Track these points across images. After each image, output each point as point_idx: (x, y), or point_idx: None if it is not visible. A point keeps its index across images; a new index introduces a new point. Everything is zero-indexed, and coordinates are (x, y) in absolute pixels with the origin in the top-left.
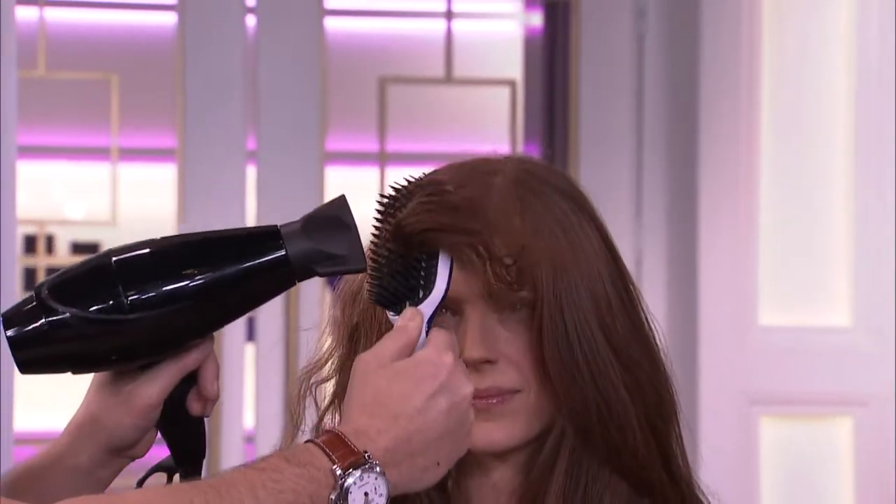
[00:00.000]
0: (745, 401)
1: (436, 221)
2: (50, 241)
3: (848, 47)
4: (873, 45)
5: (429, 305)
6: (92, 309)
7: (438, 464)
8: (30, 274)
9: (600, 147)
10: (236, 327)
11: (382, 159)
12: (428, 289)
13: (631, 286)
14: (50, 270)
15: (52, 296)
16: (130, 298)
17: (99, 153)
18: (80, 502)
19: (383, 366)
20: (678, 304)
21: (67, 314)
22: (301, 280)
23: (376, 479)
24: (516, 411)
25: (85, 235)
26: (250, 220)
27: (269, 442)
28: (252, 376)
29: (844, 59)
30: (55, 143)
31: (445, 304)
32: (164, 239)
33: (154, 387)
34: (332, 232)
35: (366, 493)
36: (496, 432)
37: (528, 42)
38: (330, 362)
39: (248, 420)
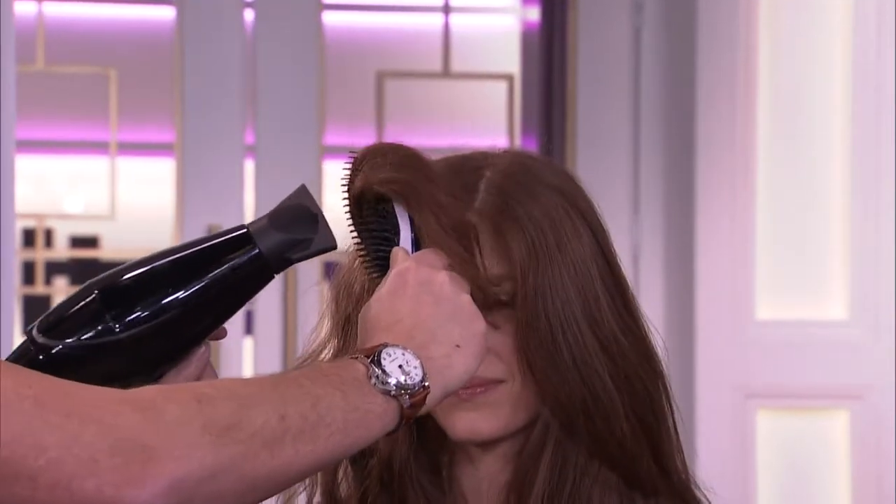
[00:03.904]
0: (741, 394)
1: (378, 174)
2: (49, 234)
3: (845, 39)
4: (870, 36)
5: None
6: (83, 337)
7: (458, 346)
8: (29, 268)
9: (597, 141)
10: (234, 321)
11: None
12: (398, 235)
13: (625, 287)
14: (49, 264)
15: (44, 334)
16: (119, 324)
17: (98, 147)
18: (174, 389)
19: (368, 304)
20: (676, 299)
21: (60, 346)
22: (278, 272)
23: (403, 353)
24: (500, 402)
25: (84, 229)
26: (248, 215)
27: None
28: (250, 369)
29: (841, 52)
30: (54, 138)
31: None
32: (142, 260)
33: None
34: (298, 220)
35: (400, 366)
36: (479, 422)
37: (526, 36)
38: (325, 351)
39: None
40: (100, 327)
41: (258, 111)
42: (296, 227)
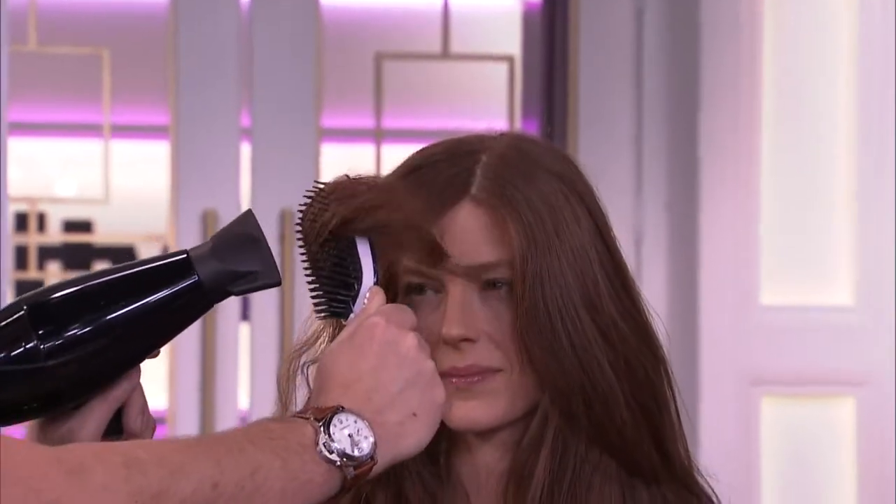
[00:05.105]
0: (746, 381)
1: (341, 212)
2: (41, 218)
3: (850, 21)
4: (876, 20)
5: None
6: (8, 356)
7: (415, 414)
8: (21, 252)
9: (600, 124)
10: (231, 307)
11: (379, 136)
12: (359, 280)
13: (625, 272)
14: (41, 249)
15: None
16: (46, 345)
17: (91, 129)
18: (106, 449)
19: (330, 351)
20: (679, 284)
21: None
22: (218, 301)
23: (356, 421)
24: (498, 390)
25: (77, 213)
26: (244, 198)
27: None
28: (247, 356)
29: (847, 35)
30: (46, 120)
31: (426, 284)
32: (77, 279)
33: (87, 427)
34: (242, 249)
35: (350, 435)
36: (476, 411)
37: (527, 17)
38: (320, 341)
39: (243, 400)
40: (26, 348)
41: (254, 93)
42: (239, 258)
